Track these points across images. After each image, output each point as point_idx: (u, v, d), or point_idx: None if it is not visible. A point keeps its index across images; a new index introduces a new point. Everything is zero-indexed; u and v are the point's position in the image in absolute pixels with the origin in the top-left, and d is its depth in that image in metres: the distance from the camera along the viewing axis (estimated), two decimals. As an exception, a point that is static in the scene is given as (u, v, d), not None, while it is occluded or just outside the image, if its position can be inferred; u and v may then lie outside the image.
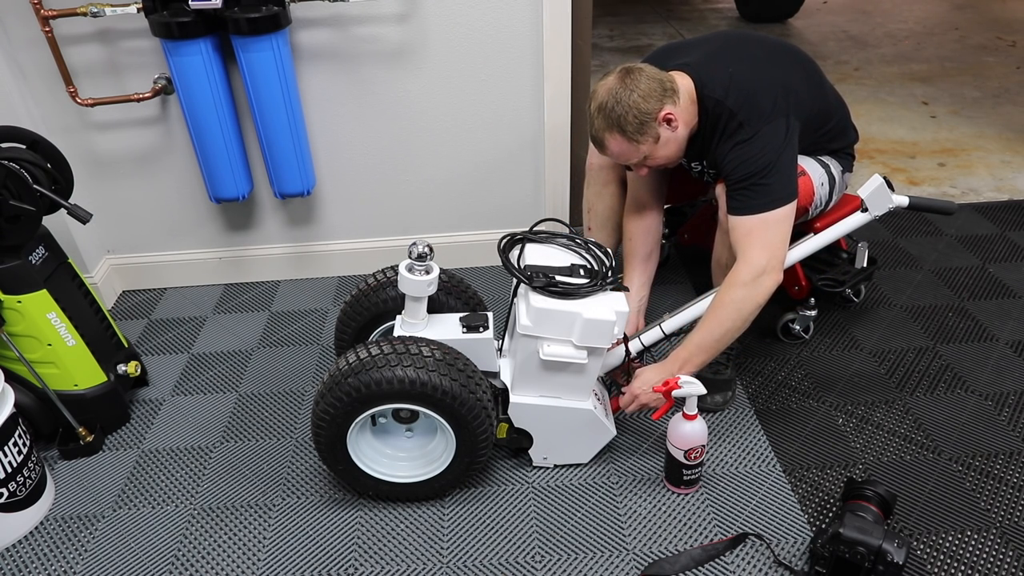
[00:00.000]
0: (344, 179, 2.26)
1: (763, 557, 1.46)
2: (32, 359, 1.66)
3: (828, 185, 1.75)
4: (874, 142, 3.26)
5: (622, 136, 1.56)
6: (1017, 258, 2.36)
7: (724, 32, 1.86)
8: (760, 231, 1.54)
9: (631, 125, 1.54)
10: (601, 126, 1.58)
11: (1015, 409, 1.77)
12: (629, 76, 1.55)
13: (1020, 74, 3.97)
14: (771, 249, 1.54)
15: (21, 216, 1.55)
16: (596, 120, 1.58)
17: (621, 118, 1.54)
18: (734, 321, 1.54)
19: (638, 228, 1.88)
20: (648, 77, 1.55)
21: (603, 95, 1.56)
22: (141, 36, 1.97)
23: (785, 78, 1.62)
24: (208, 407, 1.90)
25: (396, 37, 2.04)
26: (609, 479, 1.64)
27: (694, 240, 2.22)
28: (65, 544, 1.54)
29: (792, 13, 5.13)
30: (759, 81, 1.59)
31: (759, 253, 1.53)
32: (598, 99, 1.57)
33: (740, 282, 1.53)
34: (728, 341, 1.56)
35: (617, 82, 1.56)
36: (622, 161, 1.66)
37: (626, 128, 1.55)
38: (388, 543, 1.52)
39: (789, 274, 1.73)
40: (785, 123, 1.56)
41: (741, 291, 1.52)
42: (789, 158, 1.57)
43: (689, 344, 1.57)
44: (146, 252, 2.35)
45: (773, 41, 1.73)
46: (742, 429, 1.76)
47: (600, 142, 1.61)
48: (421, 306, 1.54)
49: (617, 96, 1.54)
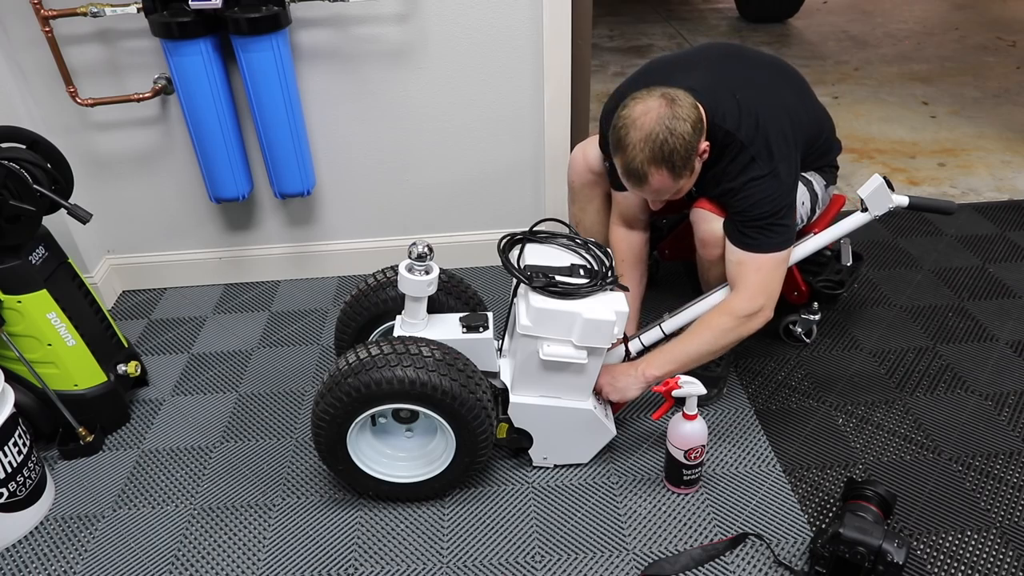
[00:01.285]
0: (344, 179, 2.26)
1: (763, 557, 1.46)
2: (32, 359, 1.66)
3: (810, 203, 1.72)
4: (874, 142, 3.26)
5: (669, 172, 1.43)
6: (1017, 258, 2.36)
7: (713, 47, 1.77)
8: (768, 269, 1.54)
9: (680, 160, 1.42)
10: (647, 159, 1.41)
11: (1015, 409, 1.77)
12: (676, 104, 1.41)
13: (1020, 74, 3.97)
14: (772, 290, 1.55)
15: (21, 216, 1.55)
16: (639, 151, 1.41)
17: (673, 152, 1.40)
18: (712, 345, 1.56)
19: (626, 250, 1.84)
20: (691, 105, 1.42)
21: (651, 124, 1.39)
22: (141, 36, 1.97)
23: (787, 102, 1.57)
24: (208, 407, 1.90)
25: (396, 37, 2.04)
26: (609, 479, 1.64)
27: (675, 256, 2.16)
28: (65, 544, 1.54)
29: (792, 13, 5.13)
30: (768, 109, 1.51)
31: (761, 293, 1.53)
32: (644, 128, 1.40)
33: (734, 313, 1.54)
34: (700, 361, 1.58)
35: (666, 109, 1.40)
36: (654, 197, 1.54)
37: (675, 163, 1.42)
38: (388, 543, 1.52)
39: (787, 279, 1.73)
40: (796, 159, 1.54)
41: (732, 322, 1.54)
42: (795, 196, 1.57)
43: (664, 352, 1.59)
44: (146, 252, 2.35)
45: (767, 60, 1.70)
46: (742, 429, 1.76)
47: (641, 176, 1.44)
48: (421, 306, 1.54)
49: (670, 127, 1.39)
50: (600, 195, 1.90)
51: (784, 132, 1.52)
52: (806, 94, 1.69)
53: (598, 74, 4.17)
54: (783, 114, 1.54)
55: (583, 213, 1.94)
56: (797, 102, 1.62)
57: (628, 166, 1.45)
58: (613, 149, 1.48)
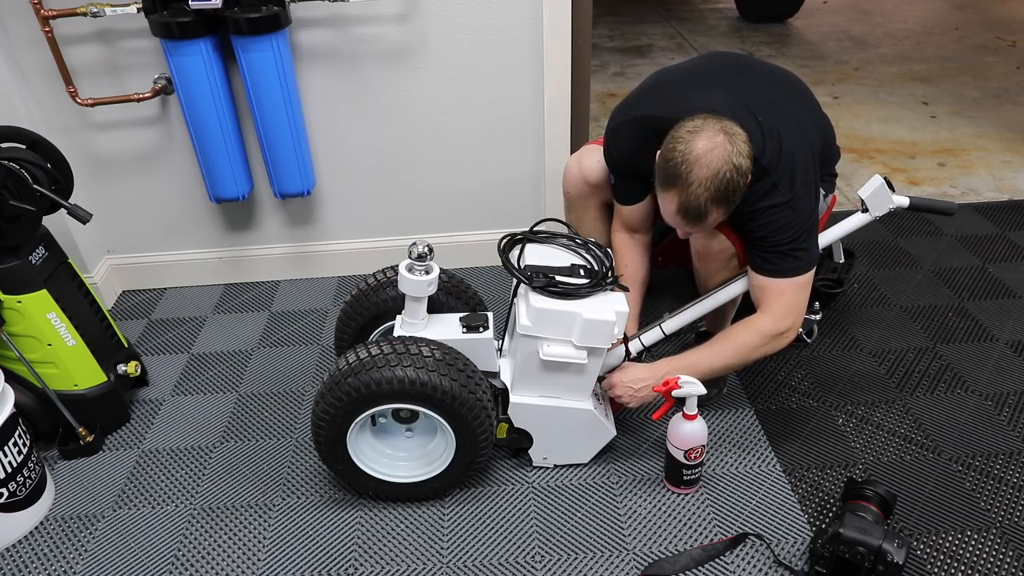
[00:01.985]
0: (344, 179, 2.26)
1: (763, 557, 1.46)
2: (32, 359, 1.66)
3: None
4: (874, 142, 3.26)
5: (726, 209, 1.40)
6: (1017, 258, 2.36)
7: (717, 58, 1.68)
8: (791, 293, 1.52)
9: (738, 197, 1.39)
10: (711, 198, 1.36)
11: (1015, 409, 1.77)
12: (735, 139, 1.36)
13: (1020, 74, 3.97)
14: (798, 313, 1.54)
15: (21, 216, 1.55)
16: (704, 190, 1.36)
17: (736, 191, 1.37)
18: (736, 360, 1.57)
19: (631, 254, 1.79)
20: (745, 140, 1.38)
21: (718, 163, 1.34)
22: (141, 36, 1.97)
23: (801, 121, 1.54)
24: (208, 407, 1.90)
25: (396, 37, 2.04)
26: (609, 479, 1.64)
27: (669, 262, 2.13)
28: (65, 544, 1.54)
29: (792, 13, 5.13)
30: (790, 134, 1.47)
31: (788, 315, 1.52)
32: (711, 166, 1.34)
33: (761, 332, 1.53)
34: (721, 373, 1.60)
35: (729, 146, 1.35)
36: (699, 230, 1.50)
37: (733, 200, 1.39)
38: (388, 543, 1.52)
39: None
40: (816, 180, 1.52)
41: (759, 340, 1.54)
42: (816, 219, 1.54)
43: (684, 359, 1.58)
44: (146, 252, 2.35)
45: (776, 74, 1.64)
46: (742, 429, 1.76)
47: (700, 214, 1.39)
48: (421, 306, 1.54)
49: (736, 165, 1.35)
50: (596, 204, 1.88)
51: (805, 155, 1.49)
52: (814, 106, 1.64)
53: (598, 74, 4.17)
54: (802, 136, 1.50)
55: (580, 223, 1.92)
56: (809, 119, 1.58)
57: (687, 204, 1.39)
58: (665, 183, 1.41)
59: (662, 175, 1.42)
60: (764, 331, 1.53)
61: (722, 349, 1.56)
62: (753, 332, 1.54)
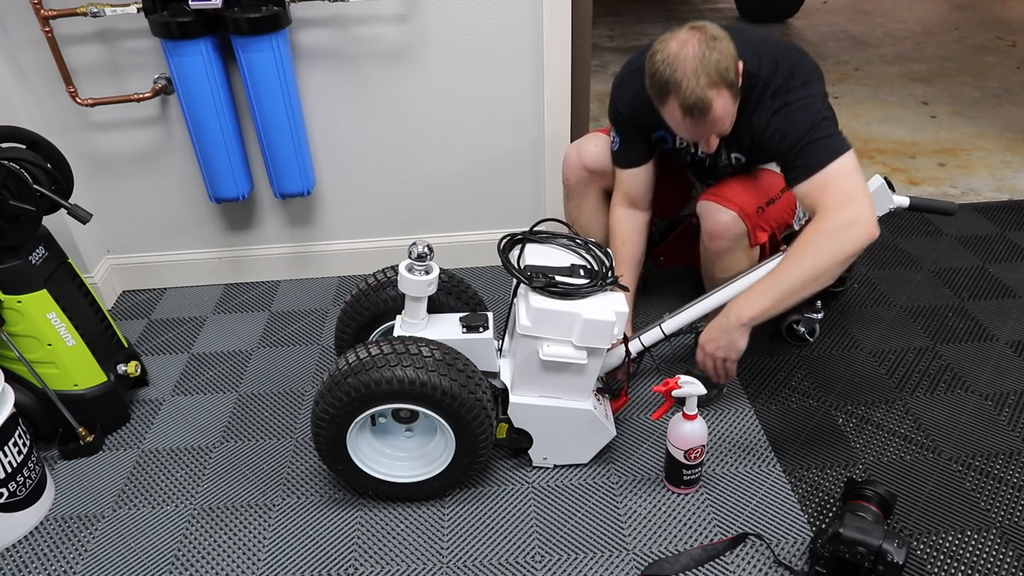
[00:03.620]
0: (344, 179, 2.26)
1: (763, 557, 1.46)
2: (32, 359, 1.66)
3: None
4: (874, 142, 3.26)
5: (729, 91, 1.40)
6: (1017, 258, 2.36)
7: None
8: (838, 182, 1.41)
9: (733, 74, 1.39)
10: (705, 83, 1.37)
11: (1015, 409, 1.77)
12: (705, 28, 1.39)
13: (1020, 74, 3.97)
14: (858, 198, 1.40)
15: (21, 216, 1.55)
16: (694, 80, 1.37)
17: (727, 68, 1.38)
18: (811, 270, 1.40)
19: (629, 229, 1.82)
20: (717, 27, 1.40)
21: (695, 50, 1.37)
22: (141, 36, 1.97)
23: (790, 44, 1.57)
24: (208, 407, 1.90)
25: (396, 37, 2.04)
26: (609, 479, 1.64)
27: (672, 261, 2.12)
28: (65, 544, 1.54)
29: (792, 13, 5.13)
30: (779, 46, 1.52)
31: (845, 202, 1.39)
32: (689, 57, 1.37)
33: (824, 230, 1.39)
34: (799, 295, 1.43)
35: (699, 34, 1.38)
36: (716, 128, 1.47)
37: (730, 79, 1.39)
38: (388, 543, 1.52)
39: None
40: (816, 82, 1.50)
41: (824, 237, 1.39)
42: (831, 113, 1.50)
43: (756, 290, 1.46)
44: (146, 252, 2.35)
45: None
46: (742, 429, 1.76)
47: (704, 105, 1.39)
48: (421, 306, 1.54)
49: (712, 45, 1.36)
50: (595, 192, 1.90)
51: (801, 60, 1.50)
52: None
53: (598, 74, 4.17)
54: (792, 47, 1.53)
55: (579, 211, 1.94)
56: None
57: (687, 100, 1.39)
58: (660, 95, 1.44)
59: (655, 90, 1.45)
60: (825, 227, 1.40)
61: (792, 265, 1.41)
62: (816, 234, 1.40)
